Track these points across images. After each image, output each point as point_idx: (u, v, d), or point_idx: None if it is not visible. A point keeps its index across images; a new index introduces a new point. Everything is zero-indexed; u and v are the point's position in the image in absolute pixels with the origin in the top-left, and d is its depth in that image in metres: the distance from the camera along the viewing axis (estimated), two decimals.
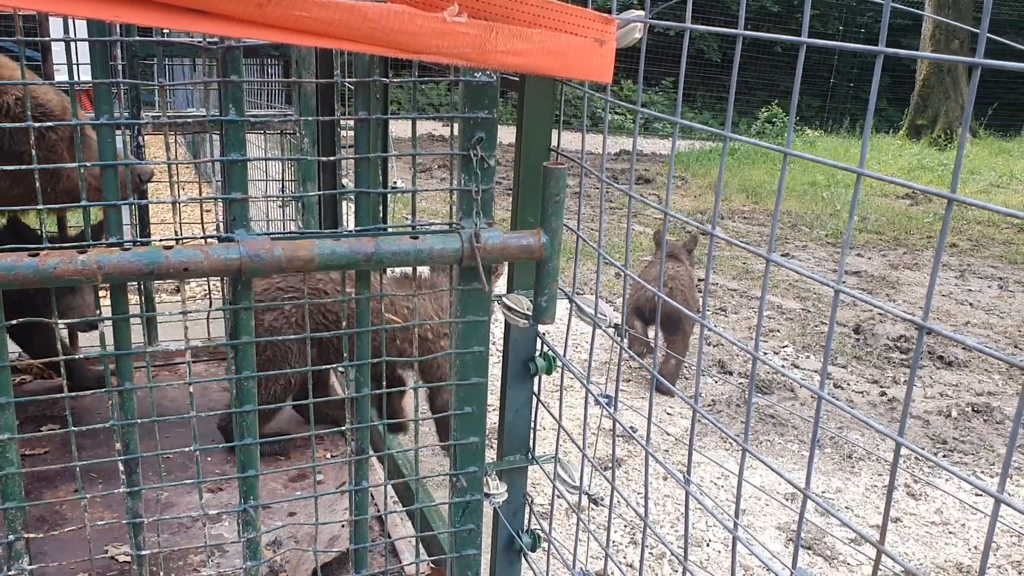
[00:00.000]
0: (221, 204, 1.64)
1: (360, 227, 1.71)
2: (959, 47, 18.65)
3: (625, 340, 1.86)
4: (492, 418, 3.74)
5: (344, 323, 1.76)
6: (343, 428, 1.83)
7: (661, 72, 20.99)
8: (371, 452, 2.29)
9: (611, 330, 2.01)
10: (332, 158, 1.80)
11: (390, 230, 1.91)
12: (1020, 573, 3.60)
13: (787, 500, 4.01)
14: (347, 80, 1.65)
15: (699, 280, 6.43)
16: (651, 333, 5.23)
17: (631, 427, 4.61)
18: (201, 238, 1.60)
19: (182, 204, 1.63)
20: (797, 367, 5.94)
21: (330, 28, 1.17)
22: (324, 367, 2.97)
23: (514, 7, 1.38)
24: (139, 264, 1.52)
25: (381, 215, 3.35)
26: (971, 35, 18.86)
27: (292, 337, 1.93)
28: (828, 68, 22.40)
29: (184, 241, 1.59)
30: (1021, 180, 14.46)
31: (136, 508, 1.74)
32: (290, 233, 1.64)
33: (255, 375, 1.69)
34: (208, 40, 1.60)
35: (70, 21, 1.48)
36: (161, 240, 1.61)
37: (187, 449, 1.75)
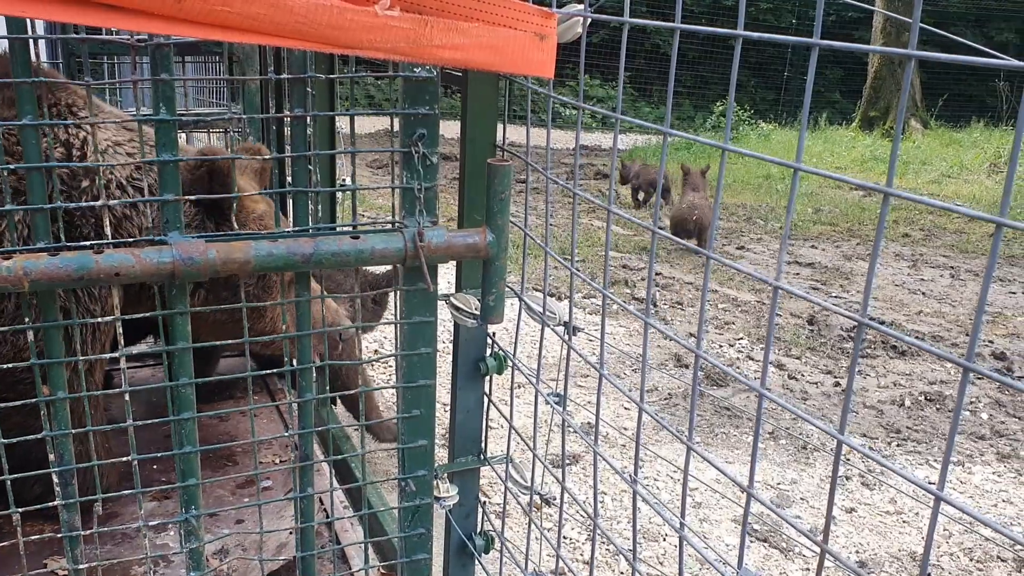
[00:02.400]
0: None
1: (298, 227, 1.67)
2: (909, 39, 18.91)
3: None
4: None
5: (284, 326, 1.72)
6: (288, 433, 1.78)
7: (618, 66, 21.00)
8: (318, 458, 2.25)
9: (560, 328, 1.99)
10: (273, 156, 1.75)
11: (338, 230, 1.87)
12: (972, 560, 3.65)
13: (742, 493, 4.03)
14: (283, 76, 1.61)
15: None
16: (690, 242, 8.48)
17: (587, 423, 4.60)
18: (133, 242, 1.55)
19: (111, 208, 1.58)
20: (752, 359, 5.97)
21: (254, 23, 1.13)
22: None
23: (449, 1, 1.35)
24: (68, 270, 1.46)
25: (330, 214, 3.30)
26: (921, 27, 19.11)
27: (227, 342, 1.88)
28: (782, 62, 22.60)
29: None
30: (971, 170, 14.72)
31: (72, 521, 1.68)
32: (225, 234, 1.59)
33: (192, 382, 1.64)
34: (137, 37, 1.55)
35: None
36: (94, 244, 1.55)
37: (125, 459, 1.70)
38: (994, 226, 0.83)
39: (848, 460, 4.47)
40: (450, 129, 3.78)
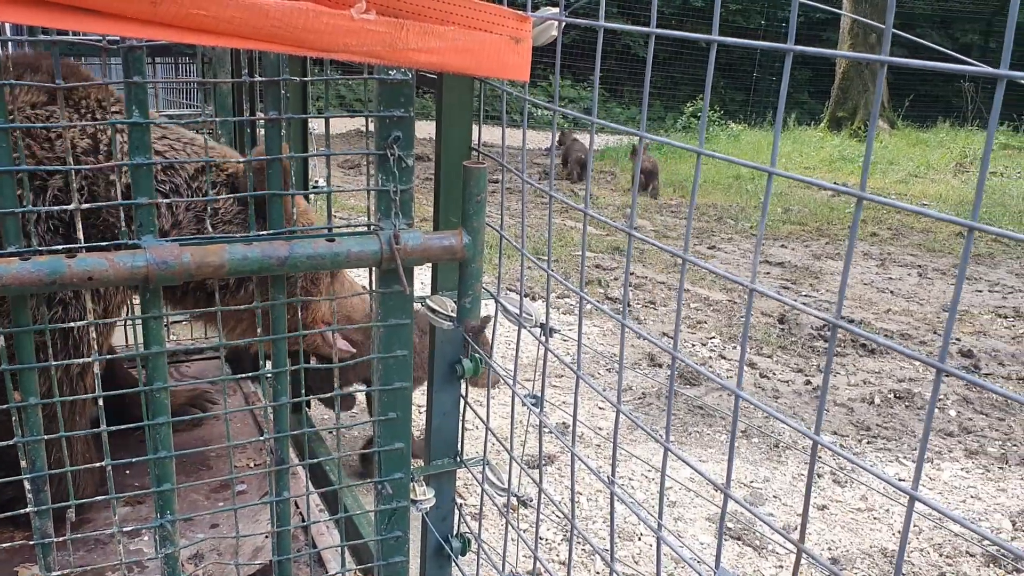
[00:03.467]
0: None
1: (273, 230, 1.67)
2: (876, 41, 19.13)
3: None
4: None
5: (259, 330, 1.71)
6: (264, 437, 1.77)
7: (589, 68, 21.10)
8: (293, 462, 2.24)
9: (536, 330, 2.00)
10: (244, 160, 1.74)
11: (313, 233, 1.86)
12: (942, 555, 3.70)
13: (716, 492, 4.06)
14: (257, 79, 1.60)
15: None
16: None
17: (562, 423, 4.61)
18: (107, 246, 1.54)
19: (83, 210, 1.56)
20: (724, 358, 6.02)
21: (230, 27, 1.13)
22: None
23: (425, 4, 1.35)
24: (40, 274, 1.45)
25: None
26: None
27: (209, 344, 1.87)
28: (751, 62, 22.78)
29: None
30: (937, 170, 14.91)
31: (44, 528, 1.67)
32: (199, 238, 1.58)
33: (167, 386, 1.63)
34: (108, 40, 1.54)
35: None
36: (64, 249, 1.54)
37: (99, 464, 1.69)
38: (961, 226, 0.84)
39: (820, 458, 4.52)
40: (422, 129, 3.79)
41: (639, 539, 3.59)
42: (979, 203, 0.87)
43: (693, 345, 6.24)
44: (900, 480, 4.38)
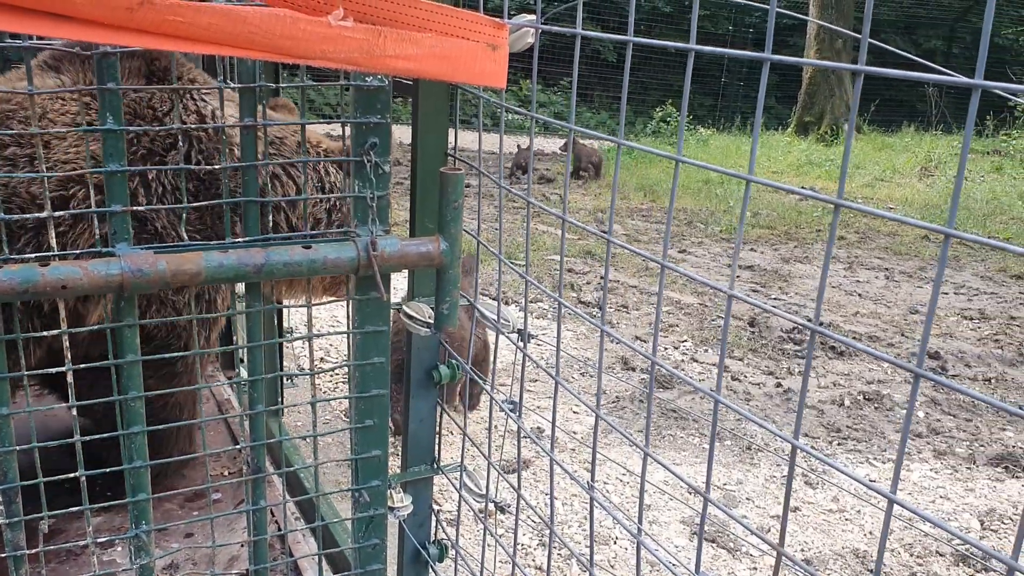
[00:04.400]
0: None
1: (249, 237, 1.65)
2: (843, 46, 19.38)
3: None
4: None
5: (236, 339, 1.70)
6: (239, 447, 1.76)
7: (558, 72, 21.17)
8: (268, 470, 2.22)
9: (514, 335, 2.00)
10: (217, 166, 1.72)
11: (290, 240, 1.85)
12: (912, 555, 3.74)
13: (690, 494, 4.08)
14: (232, 86, 1.59)
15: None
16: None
17: (538, 428, 4.62)
18: (79, 253, 1.52)
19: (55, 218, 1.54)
20: (696, 361, 6.05)
21: (207, 33, 1.12)
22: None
23: (403, 11, 1.35)
24: (12, 283, 1.43)
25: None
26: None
27: (179, 355, 1.84)
28: (719, 67, 22.96)
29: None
30: (903, 174, 15.10)
31: (16, 540, 1.64)
32: (175, 245, 1.57)
33: (141, 395, 1.61)
34: (81, 46, 1.52)
35: None
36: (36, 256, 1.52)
37: (72, 475, 1.67)
38: (927, 229, 0.86)
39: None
40: (398, 134, 3.78)
41: (615, 543, 3.60)
42: (955, 211, 0.88)
43: (665, 348, 6.27)
44: (872, 481, 4.43)
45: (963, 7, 23.63)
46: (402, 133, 3.77)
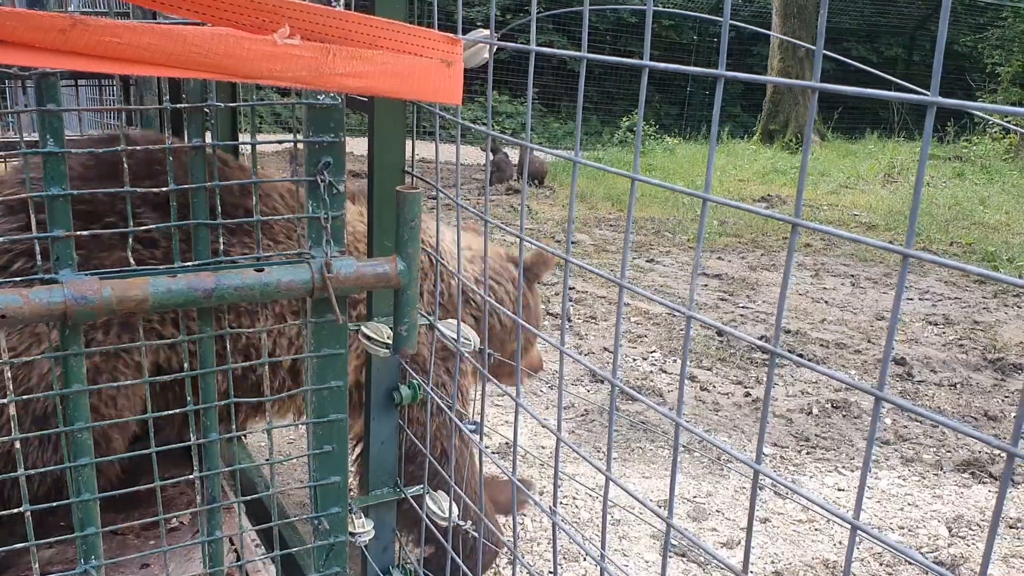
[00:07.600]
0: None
1: (199, 261, 1.61)
2: (805, 55, 19.58)
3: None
4: None
5: (187, 364, 1.65)
6: (191, 476, 1.71)
7: (525, 83, 21.17)
8: (229, 496, 2.16)
9: (473, 355, 1.96)
10: (163, 189, 1.66)
11: (241, 263, 1.80)
12: (882, 564, 3.74)
13: (661, 506, 4.06)
14: (179, 106, 1.54)
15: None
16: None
17: (505, 442, 4.58)
18: (18, 280, 1.47)
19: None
20: (665, 372, 6.05)
21: (146, 54, 1.08)
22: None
23: (352, 28, 1.32)
24: None
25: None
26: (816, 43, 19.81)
27: (131, 382, 1.79)
28: (685, 77, 23.09)
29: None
30: (867, 180, 15.26)
31: None
32: (121, 270, 1.52)
33: (89, 426, 1.56)
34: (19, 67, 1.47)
35: None
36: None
37: (18, 510, 1.61)
38: (885, 250, 0.84)
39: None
40: (356, 145, 3.72)
41: (584, 559, 3.57)
42: (913, 229, 0.86)
43: (634, 360, 6.26)
44: (840, 491, 4.44)
45: (922, 16, 23.98)
46: (356, 145, 3.72)
